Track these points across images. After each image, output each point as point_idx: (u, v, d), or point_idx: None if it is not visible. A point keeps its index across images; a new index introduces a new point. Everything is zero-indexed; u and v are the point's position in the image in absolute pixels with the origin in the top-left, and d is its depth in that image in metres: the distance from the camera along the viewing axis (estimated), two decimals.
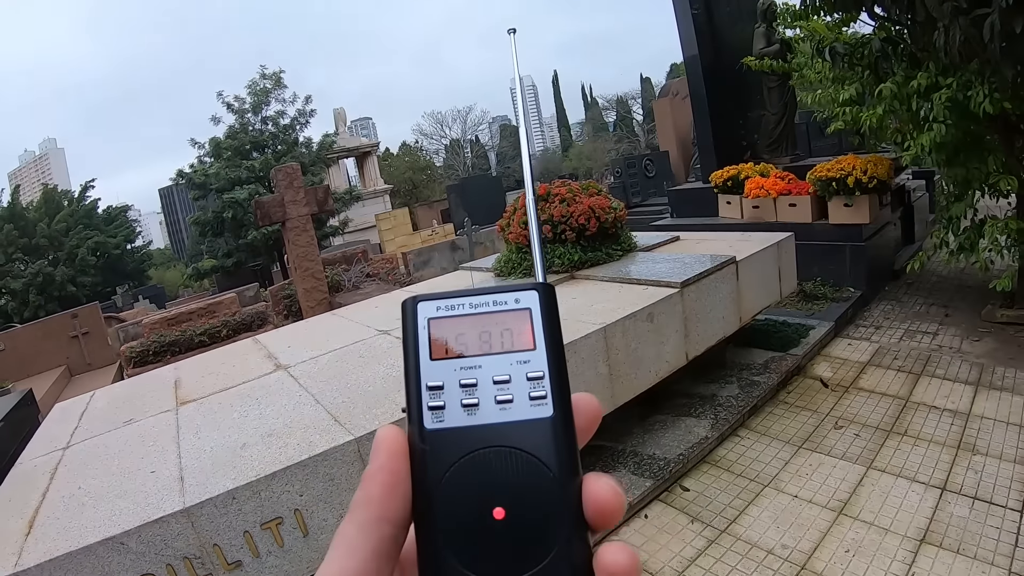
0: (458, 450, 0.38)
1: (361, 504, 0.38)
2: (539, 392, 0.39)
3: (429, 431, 0.38)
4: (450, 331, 0.41)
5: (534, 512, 0.37)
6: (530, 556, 0.36)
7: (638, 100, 52.59)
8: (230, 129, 19.36)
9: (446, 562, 0.36)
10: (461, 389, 0.39)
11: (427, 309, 0.42)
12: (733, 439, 4.16)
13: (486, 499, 0.37)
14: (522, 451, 0.38)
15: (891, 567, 2.84)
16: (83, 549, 2.14)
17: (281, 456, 2.54)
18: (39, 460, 3.10)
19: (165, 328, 8.63)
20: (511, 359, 0.40)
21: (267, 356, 4.20)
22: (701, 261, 4.44)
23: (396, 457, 0.38)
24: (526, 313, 0.41)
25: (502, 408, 0.39)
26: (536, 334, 0.41)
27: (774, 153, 8.60)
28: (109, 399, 4.00)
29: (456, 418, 0.39)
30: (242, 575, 2.39)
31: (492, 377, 0.40)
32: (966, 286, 6.32)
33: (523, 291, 0.42)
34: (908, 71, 4.96)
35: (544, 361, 0.40)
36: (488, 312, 0.41)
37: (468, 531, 0.36)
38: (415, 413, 0.39)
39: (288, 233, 8.62)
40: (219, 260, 19.92)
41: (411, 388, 0.40)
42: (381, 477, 0.38)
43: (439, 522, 0.37)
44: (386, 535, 0.36)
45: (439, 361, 0.40)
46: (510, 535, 0.36)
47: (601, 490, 0.38)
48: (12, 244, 22.83)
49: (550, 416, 0.39)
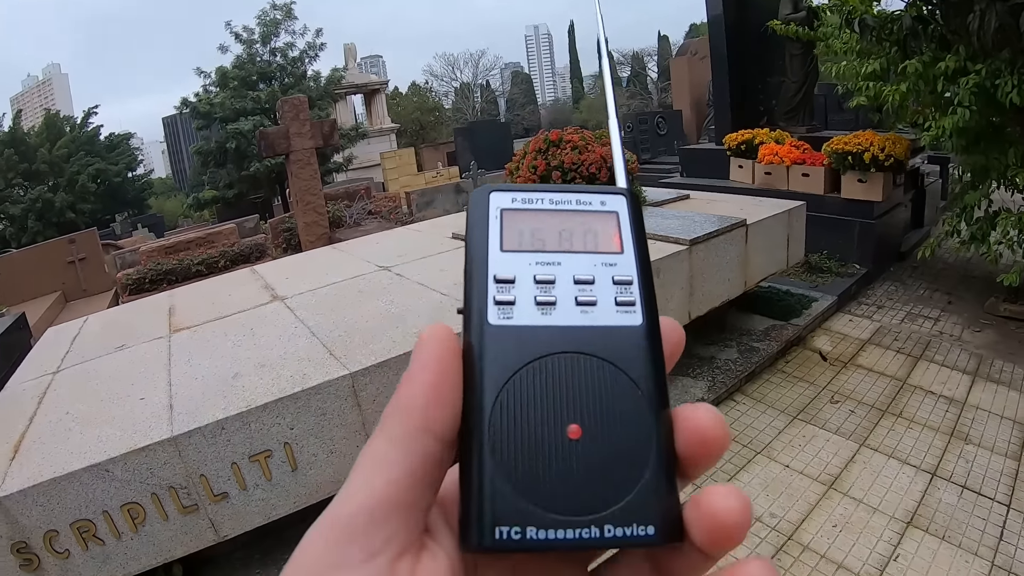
0: (527, 352, 0.32)
1: (398, 413, 0.30)
2: (628, 297, 0.34)
3: (494, 327, 0.32)
4: (526, 224, 0.36)
5: (617, 436, 0.31)
6: (608, 490, 0.30)
7: (654, 57, 51.50)
8: (237, 59, 18.98)
9: (499, 489, 0.29)
10: (536, 285, 0.34)
11: (501, 199, 0.37)
12: (729, 403, 4.14)
13: (557, 414, 0.31)
14: (606, 361, 0.32)
15: (877, 546, 2.84)
16: (68, 475, 2.12)
17: (273, 387, 2.50)
18: (28, 384, 3.06)
19: (162, 256, 8.57)
20: (596, 259, 0.35)
21: (264, 287, 4.14)
22: (711, 221, 4.37)
23: (447, 356, 0.31)
24: (613, 216, 0.37)
25: (584, 311, 0.33)
26: (624, 239, 0.36)
27: (791, 121, 8.42)
28: (102, 324, 3.96)
29: (528, 316, 0.33)
30: (228, 507, 2.38)
31: (573, 276, 0.34)
32: (971, 276, 6.25)
33: (610, 194, 0.38)
34: (937, 52, 4.81)
35: (633, 266, 0.35)
36: (571, 211, 0.37)
37: (531, 452, 0.30)
38: (477, 308, 0.33)
39: (291, 166, 8.50)
40: (220, 191, 19.73)
41: (474, 281, 0.34)
42: (426, 377, 0.31)
43: (495, 439, 0.30)
44: (429, 452, 0.30)
45: (512, 253, 0.35)
46: (585, 461, 0.30)
47: (701, 416, 0.31)
48: (12, 169, 22.47)
49: (640, 324, 0.33)
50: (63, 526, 2.15)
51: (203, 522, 2.35)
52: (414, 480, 0.29)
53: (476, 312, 0.33)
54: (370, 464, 0.29)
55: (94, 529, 2.19)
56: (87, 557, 2.21)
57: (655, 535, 0.29)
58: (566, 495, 0.29)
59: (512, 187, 0.37)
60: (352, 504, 0.28)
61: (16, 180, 22.71)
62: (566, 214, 0.36)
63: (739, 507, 0.29)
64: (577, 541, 0.29)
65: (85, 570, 2.23)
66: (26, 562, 2.13)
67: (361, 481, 0.29)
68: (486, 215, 0.36)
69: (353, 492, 0.28)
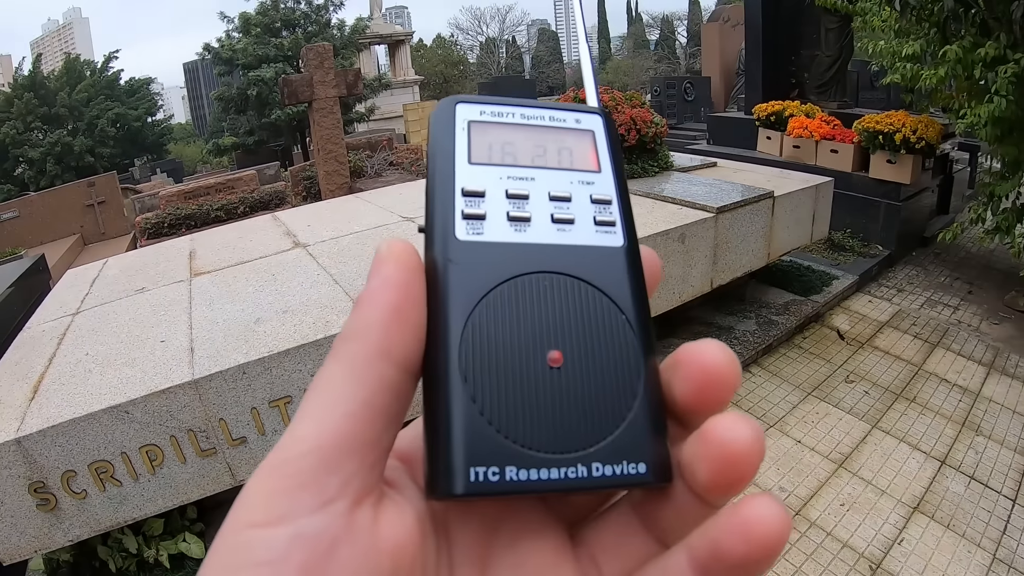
0: (501, 271, 0.29)
1: (354, 336, 0.26)
2: (608, 217, 0.32)
3: (462, 242, 0.29)
4: (496, 137, 0.33)
5: (602, 363, 0.28)
6: (593, 424, 0.27)
7: (684, 22, 50.35)
8: (261, 5, 18.75)
9: (473, 424, 0.26)
10: (508, 200, 0.31)
11: (468, 111, 0.33)
12: (745, 375, 4.14)
13: (536, 339, 0.28)
14: (587, 283, 0.30)
15: (882, 528, 2.86)
16: (87, 416, 2.14)
17: (295, 334, 2.51)
18: (47, 325, 3.08)
19: (182, 201, 8.60)
20: (573, 177, 0.33)
21: (286, 233, 4.13)
22: (738, 190, 4.33)
23: (408, 270, 0.28)
24: (588, 135, 0.35)
25: (561, 228, 0.31)
26: (601, 157, 0.34)
27: (822, 96, 8.24)
28: (122, 267, 3.98)
29: (500, 232, 0.30)
30: (246, 451, 2.41)
31: (548, 192, 0.32)
32: (993, 267, 6.16)
33: (585, 112, 0.35)
34: (977, 37, 4.66)
35: (612, 186, 0.33)
36: (544, 126, 0.34)
37: (508, 382, 0.27)
38: (442, 223, 0.30)
39: (314, 114, 8.44)
40: (240, 138, 19.69)
41: (437, 194, 0.31)
42: (386, 296, 0.27)
43: (466, 367, 0.27)
44: (390, 381, 0.26)
45: (481, 166, 0.32)
46: (567, 392, 0.27)
47: (708, 351, 0.27)
48: (32, 113, 22.45)
49: (622, 246, 0.31)
50: (81, 467, 2.18)
51: (220, 466, 2.39)
52: (372, 413, 0.25)
53: (441, 227, 0.30)
54: (321, 396, 0.25)
55: (112, 470, 2.23)
56: (104, 498, 2.25)
57: (647, 473, 0.27)
58: (549, 430, 0.27)
59: (480, 99, 0.34)
60: (302, 443, 0.24)
61: (36, 124, 22.71)
62: (539, 129, 0.34)
63: (750, 436, 0.25)
64: (563, 482, 0.26)
65: (101, 511, 2.27)
66: (43, 502, 2.17)
67: (311, 416, 0.25)
68: (452, 127, 0.33)
69: (302, 429, 0.25)
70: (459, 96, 0.34)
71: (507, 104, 0.34)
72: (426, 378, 0.28)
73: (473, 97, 0.34)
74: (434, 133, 0.33)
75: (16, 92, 22.71)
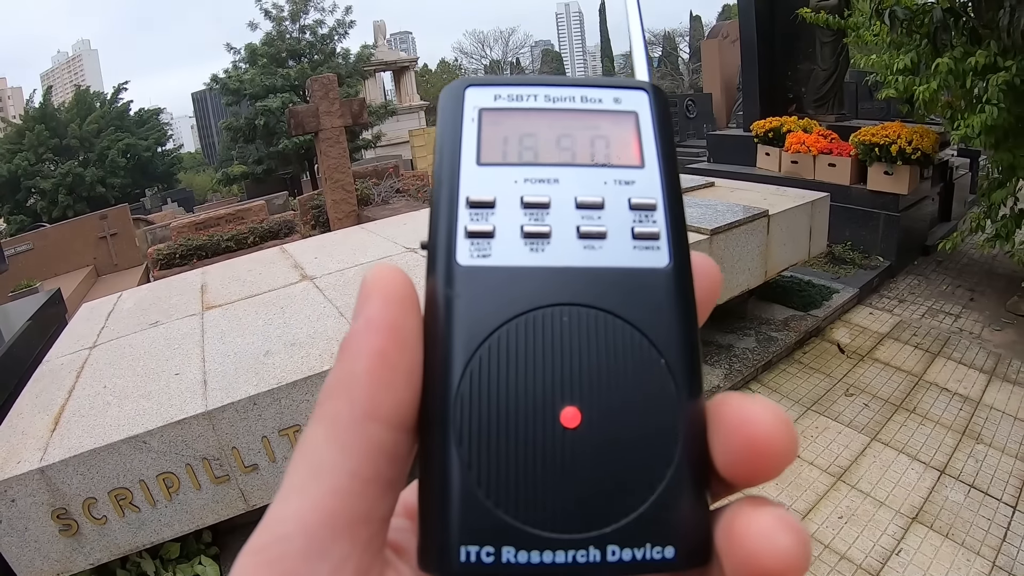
0: (509, 304, 0.24)
1: (335, 391, 0.23)
2: (650, 228, 0.26)
3: (464, 268, 0.25)
4: (513, 128, 0.28)
5: (629, 423, 0.23)
6: (614, 498, 0.23)
7: (686, 38, 50.76)
8: (267, 36, 19.22)
9: (466, 495, 0.23)
10: (524, 210, 0.26)
11: (480, 96, 0.28)
12: (745, 391, 4.17)
13: (548, 392, 0.23)
14: (619, 317, 0.24)
15: (881, 539, 2.91)
16: (107, 447, 2.25)
17: (303, 366, 2.61)
18: (66, 358, 3.21)
19: (193, 232, 8.77)
20: (607, 175, 0.27)
21: (293, 266, 4.25)
22: (733, 210, 4.41)
23: (397, 306, 0.24)
24: (630, 119, 0.28)
25: (589, 246, 0.26)
26: (645, 148, 0.28)
27: (819, 110, 8.34)
28: (136, 300, 4.11)
29: (511, 253, 0.25)
30: (258, 477, 2.51)
31: (575, 197, 0.26)
32: (995, 273, 6.19)
33: (627, 89, 0.29)
34: (967, 47, 4.75)
35: (658, 186, 0.27)
36: (574, 110, 0.28)
37: (510, 444, 0.23)
38: (443, 243, 0.26)
39: (321, 144, 8.61)
40: (249, 167, 20.02)
41: (441, 206, 0.26)
42: (368, 341, 0.23)
43: (463, 425, 0.23)
44: (380, 444, 0.22)
45: (492, 167, 0.27)
46: (583, 458, 0.23)
47: (757, 414, 0.23)
48: (43, 144, 23.02)
49: (667, 266, 0.26)
50: (101, 494, 2.29)
51: (234, 492, 2.49)
52: (362, 485, 0.22)
53: (442, 248, 0.25)
54: (304, 466, 0.22)
55: (131, 497, 2.33)
56: (123, 523, 2.36)
57: (675, 558, 0.23)
58: (556, 505, 0.23)
59: (495, 80, 0.28)
60: (284, 524, 0.21)
61: (47, 155, 23.24)
62: (568, 114, 0.28)
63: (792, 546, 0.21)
64: (570, 567, 0.22)
65: (121, 536, 2.37)
66: (65, 527, 2.27)
67: (295, 490, 0.22)
68: (459, 117, 0.28)
69: (284, 508, 0.22)
70: (470, 78, 0.29)
71: (529, 84, 0.29)
72: (421, 436, 0.24)
73: (487, 79, 0.29)
74: (440, 126, 0.28)
75: (28, 124, 23.32)
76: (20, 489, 2.17)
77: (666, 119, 0.28)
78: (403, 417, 0.23)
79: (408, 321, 0.23)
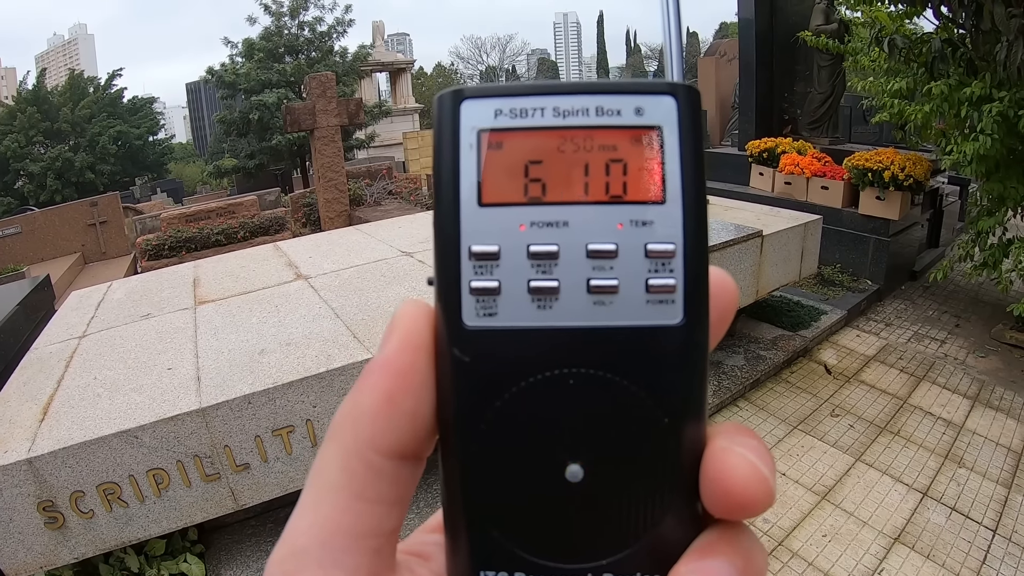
0: (517, 372, 0.25)
1: (346, 421, 0.25)
2: (666, 280, 0.25)
3: (471, 331, 0.25)
4: (518, 154, 0.25)
5: (629, 477, 0.25)
6: (612, 537, 0.25)
7: None
8: (265, 31, 19.12)
9: (485, 535, 0.25)
10: (530, 262, 0.25)
11: (479, 113, 0.25)
12: (732, 408, 4.24)
13: (555, 452, 0.25)
14: (626, 383, 0.24)
15: (863, 559, 2.94)
16: (97, 440, 2.24)
17: (299, 366, 2.61)
18: (55, 347, 3.18)
19: (183, 224, 8.72)
20: (623, 215, 0.25)
21: (288, 264, 4.25)
22: (727, 229, 4.45)
23: (412, 351, 0.25)
24: (653, 136, 0.25)
25: (599, 302, 0.25)
26: (668, 177, 0.25)
27: (814, 132, 8.43)
28: (127, 291, 4.08)
29: (518, 311, 0.25)
30: (249, 477, 2.50)
31: (586, 244, 0.25)
32: (981, 300, 6.28)
33: (651, 95, 0.25)
34: (963, 77, 4.84)
35: (679, 227, 0.25)
36: (587, 127, 0.25)
37: (522, 496, 0.25)
38: (447, 301, 0.25)
39: (315, 142, 8.59)
40: (241, 161, 19.88)
41: (443, 256, 0.25)
42: (381, 382, 0.25)
43: (479, 481, 0.25)
44: (379, 469, 0.25)
45: (495, 209, 0.25)
46: (584, 509, 0.25)
47: (734, 465, 0.24)
48: (34, 127, 22.81)
49: (679, 323, 0.25)
50: (89, 487, 2.27)
51: (224, 490, 2.48)
52: (366, 505, 0.24)
53: (446, 307, 0.25)
54: (318, 484, 0.25)
55: (119, 491, 2.31)
56: (110, 518, 2.34)
57: None
58: (560, 542, 0.25)
59: (495, 89, 0.25)
60: (301, 536, 0.24)
61: (37, 138, 23.01)
62: (580, 134, 0.25)
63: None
64: None
65: (107, 530, 2.35)
66: (51, 520, 2.25)
67: (311, 505, 0.25)
68: (455, 140, 0.25)
69: (302, 521, 0.25)
70: (466, 88, 0.25)
71: (534, 93, 0.25)
72: (442, 485, 0.26)
73: (485, 88, 0.25)
74: (436, 149, 0.26)
75: (20, 106, 23.08)
76: (6, 480, 2.15)
77: (696, 132, 0.25)
78: (404, 449, 0.25)
79: (419, 364, 0.25)
